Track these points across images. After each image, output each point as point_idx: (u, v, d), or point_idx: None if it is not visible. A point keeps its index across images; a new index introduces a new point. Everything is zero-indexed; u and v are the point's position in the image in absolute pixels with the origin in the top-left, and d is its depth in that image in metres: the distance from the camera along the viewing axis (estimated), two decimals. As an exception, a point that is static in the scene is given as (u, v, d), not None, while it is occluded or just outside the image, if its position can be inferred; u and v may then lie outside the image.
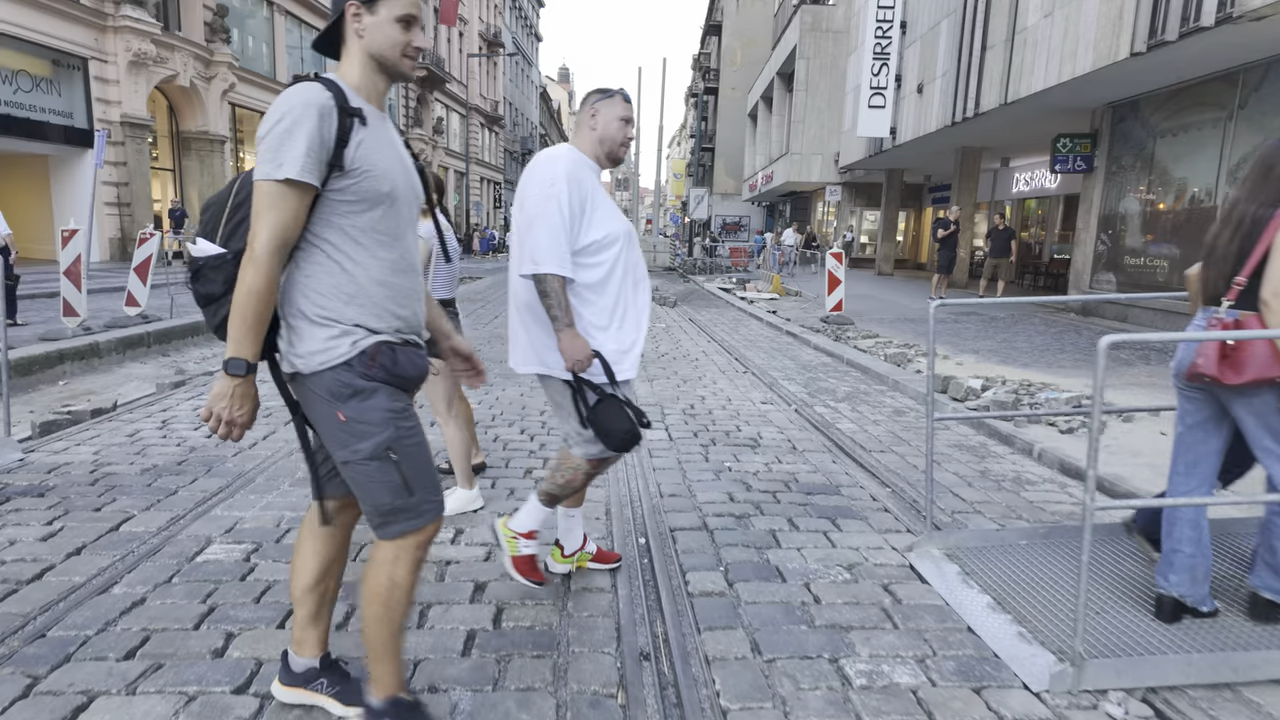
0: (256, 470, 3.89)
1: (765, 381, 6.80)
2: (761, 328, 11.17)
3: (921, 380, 6.63)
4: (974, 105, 12.73)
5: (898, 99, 17.04)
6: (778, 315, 12.43)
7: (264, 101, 24.80)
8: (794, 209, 37.97)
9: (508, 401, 5.71)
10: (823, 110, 27.60)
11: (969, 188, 17.23)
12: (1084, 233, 11.92)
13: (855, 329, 10.62)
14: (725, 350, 8.73)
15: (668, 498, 3.69)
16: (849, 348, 8.79)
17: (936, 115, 14.59)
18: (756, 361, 7.93)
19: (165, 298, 9.77)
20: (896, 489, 3.90)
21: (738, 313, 13.19)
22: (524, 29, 64.74)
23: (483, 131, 50.21)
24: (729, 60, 49.83)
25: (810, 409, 5.72)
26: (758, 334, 10.38)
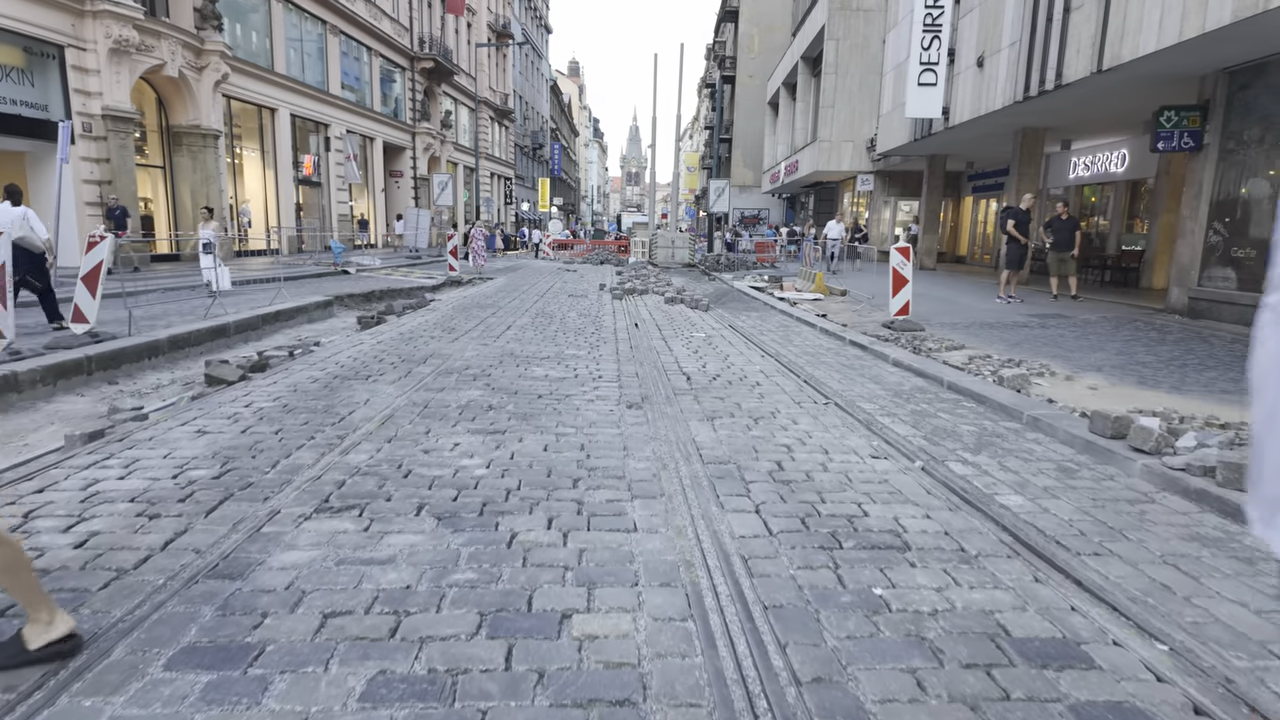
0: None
1: (859, 418, 5.25)
2: (817, 336, 9.60)
3: (1072, 419, 5.05)
4: (1054, 76, 11.06)
5: (950, 76, 15.36)
6: (830, 320, 10.85)
7: (262, 95, 23.45)
8: (819, 200, 36.24)
9: (526, 463, 4.18)
10: (854, 94, 25.90)
11: (1030, 174, 15.53)
12: (1189, 221, 10.25)
13: (929, 336, 9.03)
14: (786, 368, 7.18)
15: (808, 685, 2.14)
16: (939, 364, 7.21)
17: (1002, 91, 12.92)
18: (832, 385, 6.37)
19: (121, 309, 8.33)
20: (1181, 650, 2.34)
21: (782, 317, 11.62)
22: (533, 20, 63.18)
23: (492, 125, 48.76)
24: (746, 47, 48.04)
25: (943, 466, 4.16)
26: (816, 345, 8.81)
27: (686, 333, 9.68)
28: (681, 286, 16.84)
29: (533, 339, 8.72)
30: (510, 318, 10.76)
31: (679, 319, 11.19)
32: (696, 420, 5.07)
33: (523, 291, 15.45)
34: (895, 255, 10.06)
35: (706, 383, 6.39)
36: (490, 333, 9.15)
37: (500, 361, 7.15)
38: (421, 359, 7.18)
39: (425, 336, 8.72)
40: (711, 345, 8.62)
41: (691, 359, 7.61)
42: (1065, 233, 12.23)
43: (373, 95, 31.84)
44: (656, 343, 8.73)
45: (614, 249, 33.87)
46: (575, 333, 9.35)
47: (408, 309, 11.46)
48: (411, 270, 21.39)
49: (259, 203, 24.51)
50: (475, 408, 5.24)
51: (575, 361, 7.27)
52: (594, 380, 6.39)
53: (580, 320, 10.65)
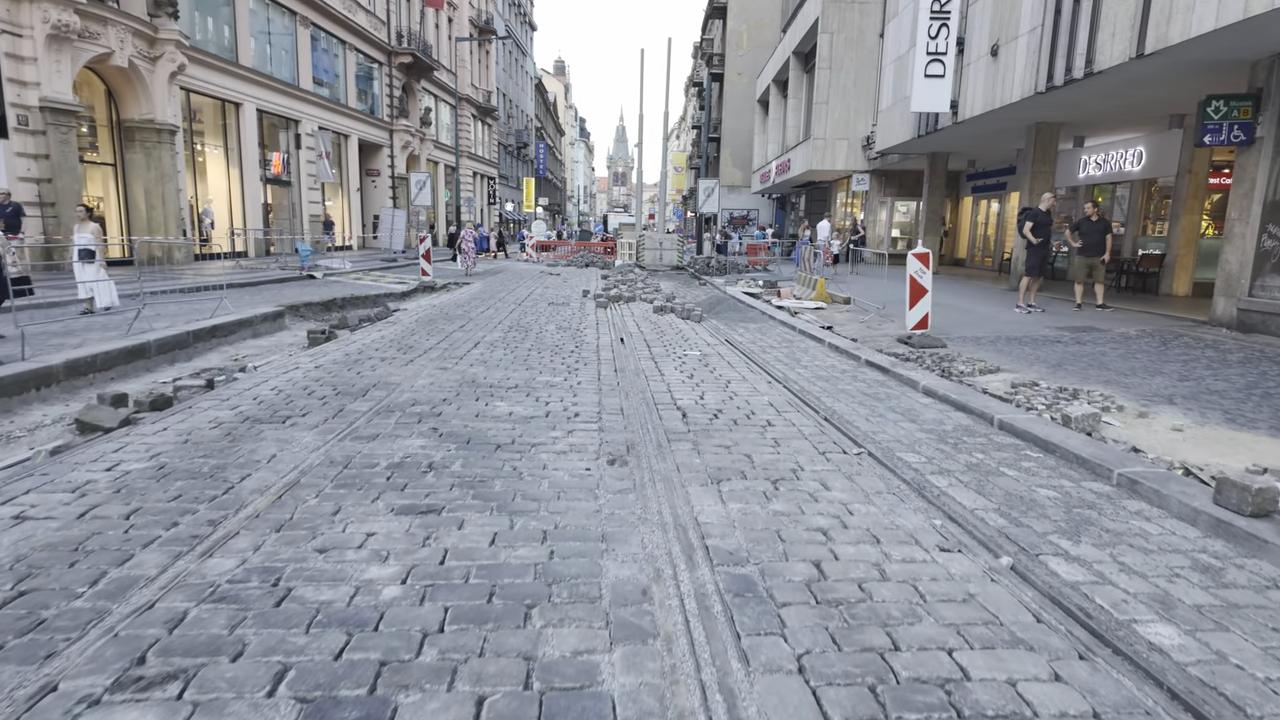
0: None
1: (905, 477, 4.10)
2: (826, 353, 8.46)
3: (1179, 480, 3.92)
4: (1083, 64, 10.00)
5: (959, 67, 14.30)
6: (837, 334, 9.73)
7: (225, 88, 22.06)
8: (810, 201, 35.21)
9: (462, 572, 2.99)
10: (849, 90, 24.85)
11: (1044, 172, 14.48)
12: (1238, 224, 9.20)
13: (954, 354, 7.92)
14: (799, 399, 6.02)
15: None
16: (978, 393, 6.09)
17: (1020, 82, 11.86)
18: (859, 425, 5.22)
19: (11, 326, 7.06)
20: None
21: (783, 330, 10.48)
22: (517, 17, 61.86)
23: (474, 123, 47.43)
24: (735, 44, 47.00)
25: (1040, 565, 3.02)
26: (828, 366, 7.67)
27: (679, 350, 8.52)
28: (671, 292, 15.70)
29: (501, 360, 7.53)
30: (480, 332, 9.55)
31: (669, 332, 10.03)
32: (698, 484, 3.90)
33: (499, 299, 14.24)
34: (913, 261, 8.95)
35: (706, 422, 5.22)
36: (453, 352, 7.94)
37: (458, 393, 5.95)
38: (362, 390, 5.97)
39: (376, 358, 7.50)
40: (708, 367, 7.46)
41: (686, 387, 6.44)
42: (1095, 236, 11.17)
43: (347, 91, 30.47)
44: (645, 364, 7.56)
45: (599, 251, 32.69)
46: (552, 351, 8.16)
47: (364, 321, 10.22)
48: (384, 275, 20.12)
49: (223, 203, 23.12)
50: (411, 468, 4.05)
51: (548, 392, 6.09)
52: (569, 419, 5.21)
53: (559, 335, 9.46)
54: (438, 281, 17.57)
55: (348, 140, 30.85)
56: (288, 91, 25.43)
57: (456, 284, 17.84)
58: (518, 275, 21.53)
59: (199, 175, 22.30)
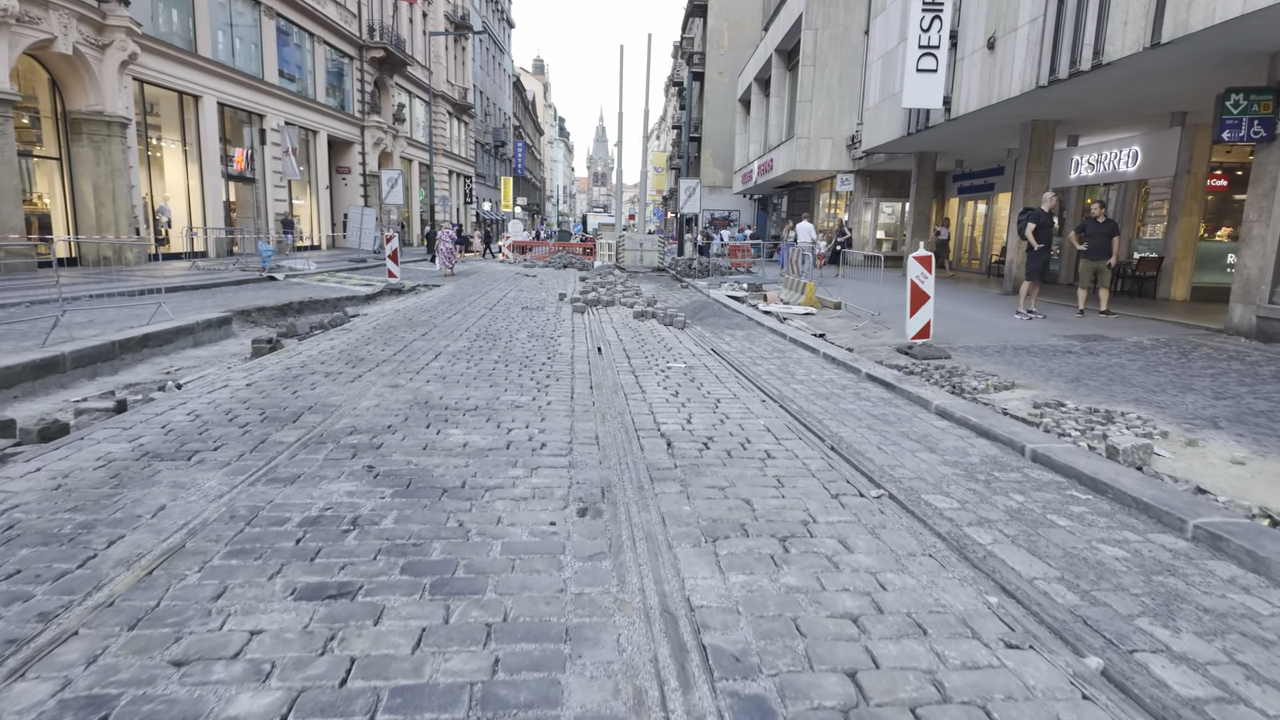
0: None
1: (939, 530, 3.36)
2: (822, 365, 7.74)
3: (1275, 538, 3.23)
4: (1090, 55, 9.40)
5: (953, 61, 13.70)
6: (831, 342, 9.03)
7: (182, 80, 20.97)
8: (792, 201, 34.67)
9: (368, 671, 2.21)
10: (833, 88, 24.29)
11: (1040, 171, 13.93)
12: (1257, 226, 8.63)
13: (962, 367, 7.24)
14: (800, 422, 5.29)
15: None
16: (998, 414, 5.40)
17: (1020, 75, 11.26)
18: (873, 456, 4.50)
19: None
20: None
21: (773, 338, 9.76)
22: (495, 13, 60.84)
23: (450, 121, 46.41)
24: (716, 43, 46.43)
25: (1141, 670, 2.30)
26: (826, 380, 6.95)
27: (662, 361, 7.76)
28: (652, 296, 14.95)
29: (463, 375, 6.72)
30: (443, 340, 8.72)
31: (651, 341, 9.27)
32: (689, 544, 3.14)
33: (470, 302, 13.40)
34: (914, 266, 8.27)
35: (696, 454, 4.47)
36: (410, 364, 7.12)
37: (406, 417, 5.13)
38: (294, 415, 5.14)
39: (320, 373, 6.65)
40: (695, 382, 6.71)
41: (671, 407, 5.68)
42: (1101, 238, 10.59)
43: (316, 85, 29.38)
44: (624, 378, 6.80)
45: (578, 252, 31.86)
46: (521, 364, 7.36)
47: (316, 329, 9.35)
48: (350, 276, 19.15)
49: (181, 200, 22.00)
50: (330, 526, 3.25)
51: (513, 415, 5.30)
52: (534, 452, 4.43)
53: (530, 344, 8.66)
54: (406, 284, 16.67)
55: (316, 136, 29.77)
56: (251, 85, 24.35)
57: (426, 286, 16.96)
58: (492, 277, 20.67)
59: (155, 171, 21.18)
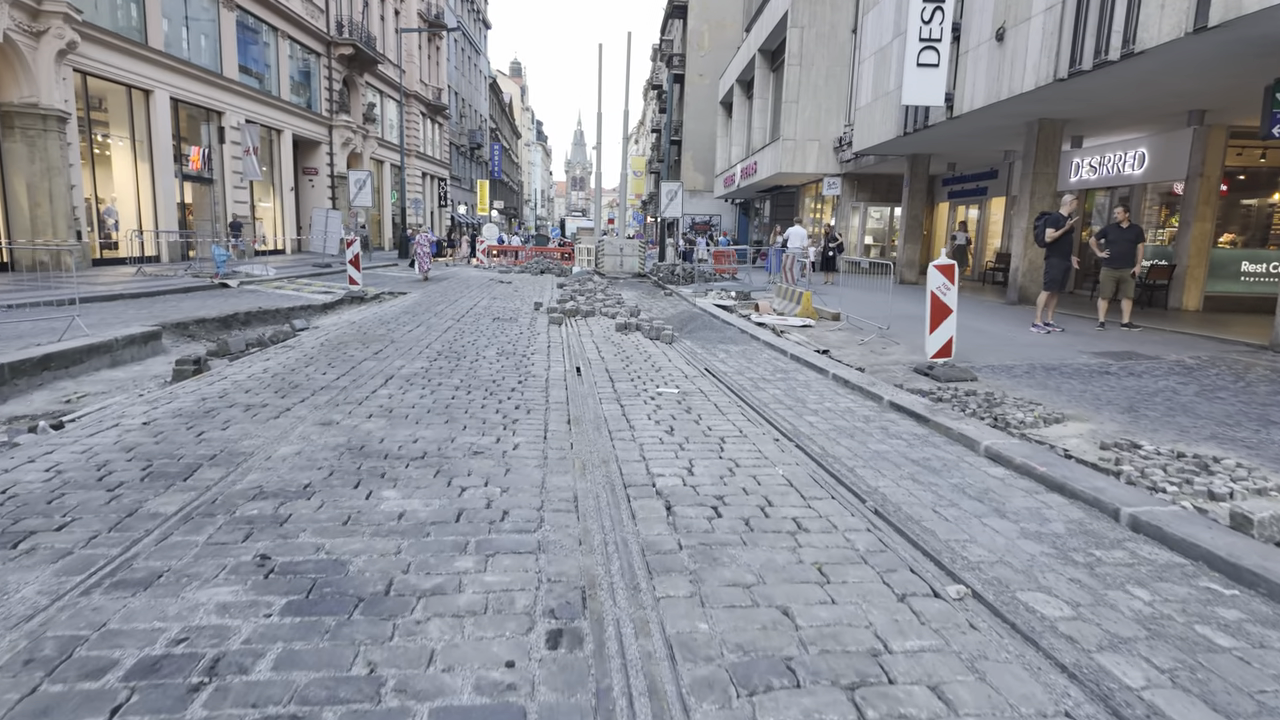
0: None
1: (1062, 661, 2.35)
2: (835, 390, 6.73)
3: None
4: (1119, 44, 8.54)
5: (954, 56, 12.85)
6: (838, 360, 8.06)
7: (131, 73, 19.56)
8: (776, 206, 33.85)
9: None
10: (820, 88, 23.47)
11: (1046, 174, 13.12)
12: (1307, 231, 7.80)
13: (997, 393, 6.28)
14: (828, 472, 4.26)
15: None
16: (1062, 458, 4.43)
17: (1034, 68, 10.40)
18: (935, 529, 3.47)
19: None
20: None
21: (772, 354, 8.76)
22: (470, 13, 59.58)
23: (424, 122, 45.06)
24: (696, 45, 45.63)
25: None
26: (843, 408, 5.94)
27: (651, 385, 6.71)
28: (634, 305, 13.91)
29: (415, 407, 5.61)
30: (399, 360, 7.60)
31: (636, 358, 8.22)
32: (714, 706, 2.09)
33: (435, 313, 12.27)
34: (934, 275, 7.32)
35: (705, 526, 3.42)
36: (353, 392, 6.00)
37: (332, 471, 4.03)
38: (189, 468, 4.02)
39: (240, 405, 5.52)
40: (691, 413, 5.67)
41: (667, 451, 4.63)
42: (1125, 245, 9.75)
43: (280, 82, 28.00)
44: (608, 407, 5.74)
45: (556, 256, 30.76)
46: (487, 391, 6.27)
47: (254, 346, 8.18)
48: (311, 282, 17.91)
49: (129, 201, 20.56)
50: (170, 681, 2.15)
51: (470, 466, 4.22)
52: (492, 526, 3.35)
53: (499, 364, 7.57)
54: (369, 291, 15.48)
55: (280, 136, 28.37)
56: (208, 79, 22.96)
57: (391, 294, 15.77)
58: (464, 283, 19.50)
59: (101, 170, 19.74)
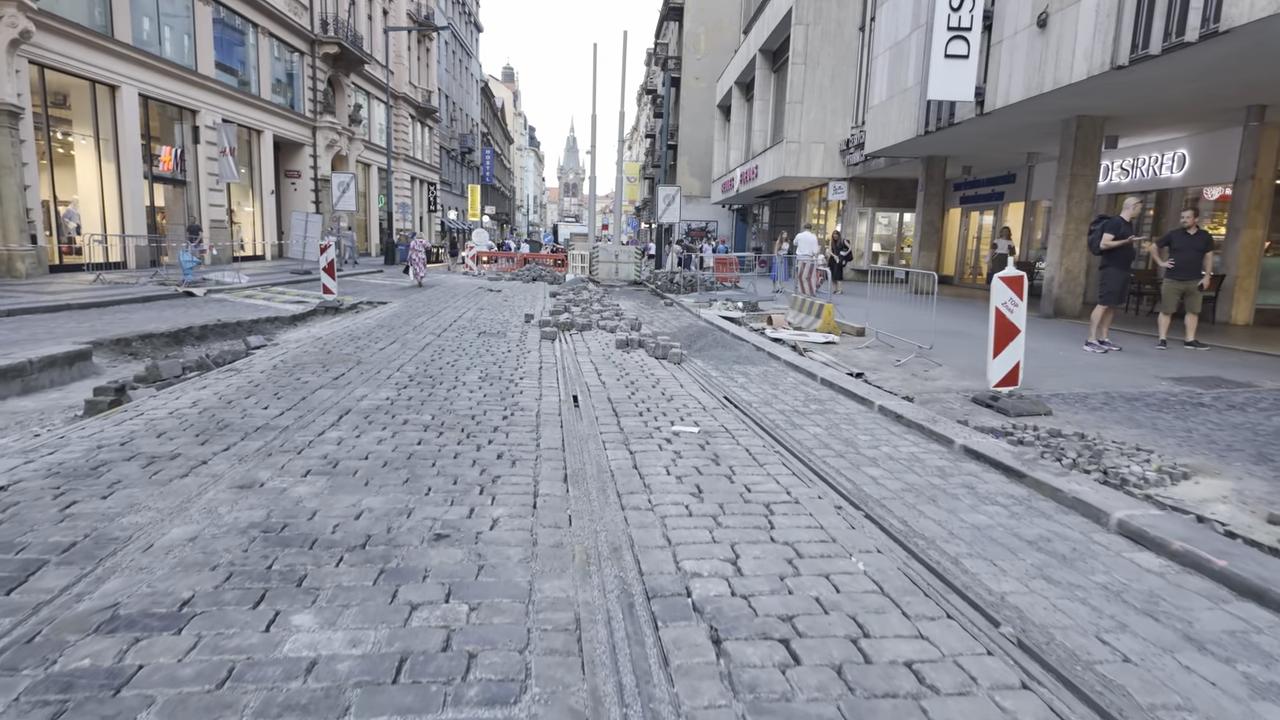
0: None
1: None
2: (885, 426, 5.56)
3: None
4: (1198, 22, 7.45)
5: (985, 47, 11.78)
6: (877, 386, 6.90)
7: (95, 67, 18.30)
8: (775, 212, 32.81)
9: None
10: (825, 89, 22.43)
11: (1085, 175, 12.05)
12: None
13: (1090, 437, 5.12)
14: (925, 564, 3.09)
15: None
16: (1220, 536, 3.28)
17: (1084, 56, 9.32)
18: (1120, 678, 2.32)
19: None
20: None
21: (798, 378, 7.60)
22: (461, 15, 58.51)
23: (413, 125, 43.87)
24: (692, 47, 44.67)
25: None
26: (905, 453, 4.78)
27: (663, 420, 5.53)
28: (635, 317, 12.73)
29: (368, 458, 4.41)
30: (362, 387, 6.39)
31: (643, 383, 7.04)
32: None
33: (416, 326, 11.06)
34: (1000, 289, 6.17)
35: (778, 684, 2.23)
36: (294, 437, 4.78)
37: (231, 573, 2.82)
38: (29, 566, 2.81)
39: (144, 455, 4.30)
40: (720, 463, 4.49)
41: (699, 528, 3.44)
42: (1192, 253, 8.66)
43: (260, 80, 26.77)
44: (614, 454, 4.56)
45: (549, 263, 29.59)
46: (463, 432, 5.08)
47: (192, 370, 6.95)
48: (285, 290, 16.68)
49: (93, 203, 19.27)
50: None
51: (427, 563, 3.01)
52: (446, 691, 2.16)
53: (481, 393, 6.38)
54: (345, 300, 14.26)
55: (260, 136, 27.12)
56: (181, 76, 21.71)
57: (370, 304, 14.55)
58: (451, 292, 18.29)
59: (62, 170, 18.45)
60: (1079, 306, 12.30)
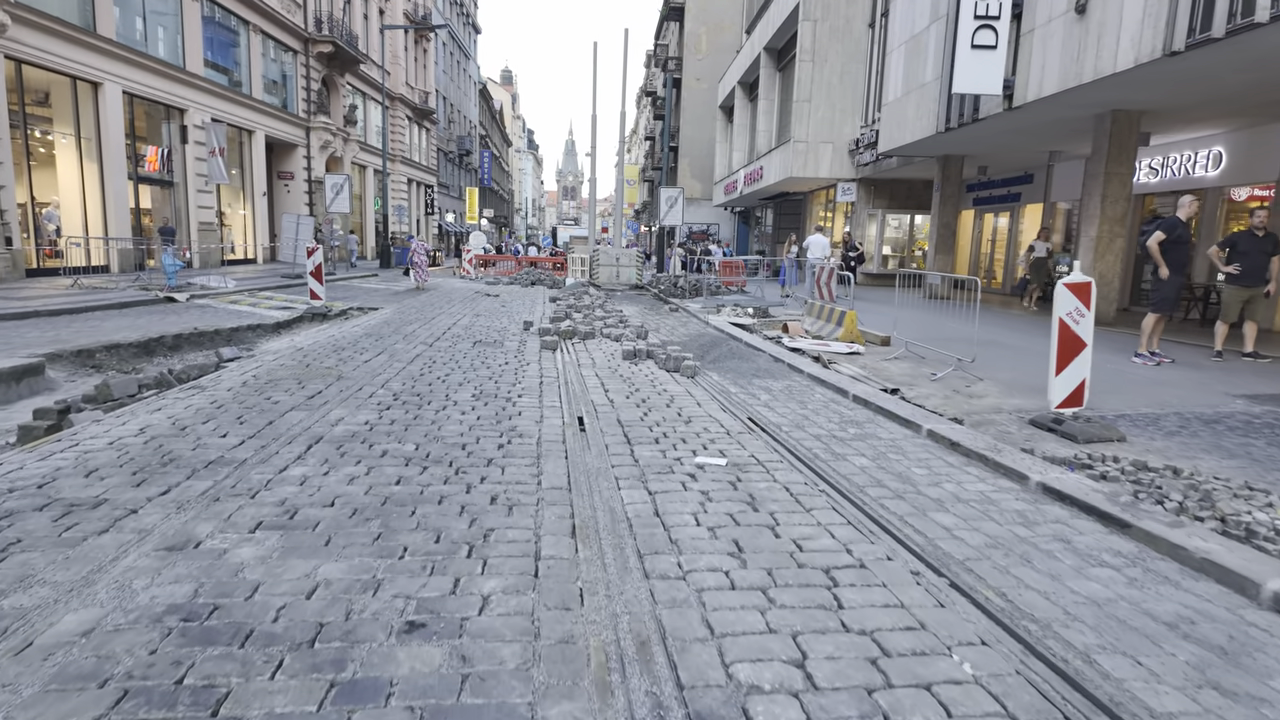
0: None
1: None
2: (941, 456, 4.81)
3: None
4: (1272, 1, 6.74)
5: (1014, 37, 11.07)
6: (917, 405, 6.16)
7: (76, 63, 17.57)
8: (779, 214, 32.11)
9: None
10: (834, 86, 21.73)
11: (1120, 174, 11.32)
12: None
13: (1167, 461, 4.39)
14: (1050, 664, 2.36)
15: None
16: None
17: (1130, 44, 8.61)
18: None
19: None
20: None
21: (826, 393, 6.85)
22: (459, 16, 57.86)
23: (410, 126, 43.15)
24: (693, 48, 44.02)
25: None
26: (975, 494, 4.04)
27: (684, 448, 4.79)
28: (640, 324, 11.98)
29: (335, 505, 3.66)
30: (339, 409, 5.64)
31: (656, 402, 6.30)
32: None
33: (407, 334, 10.32)
34: (1065, 297, 5.43)
35: None
36: (249, 475, 4.03)
37: (125, 691, 2.07)
38: None
39: (61, 501, 3.55)
40: (756, 505, 3.75)
41: (749, 613, 2.68)
42: (1259, 257, 7.93)
43: (252, 79, 26.03)
44: (630, 496, 3.82)
45: (548, 267, 28.86)
46: (451, 466, 4.33)
47: (148, 388, 6.19)
48: (274, 295, 15.95)
49: (75, 205, 18.52)
50: None
51: (391, 673, 2.26)
52: None
53: (474, 414, 5.63)
54: (334, 306, 13.52)
55: (252, 137, 26.38)
56: (168, 74, 20.98)
57: (360, 310, 13.80)
58: (446, 297, 17.55)
59: (41, 170, 17.71)
60: (1113, 313, 11.58)
